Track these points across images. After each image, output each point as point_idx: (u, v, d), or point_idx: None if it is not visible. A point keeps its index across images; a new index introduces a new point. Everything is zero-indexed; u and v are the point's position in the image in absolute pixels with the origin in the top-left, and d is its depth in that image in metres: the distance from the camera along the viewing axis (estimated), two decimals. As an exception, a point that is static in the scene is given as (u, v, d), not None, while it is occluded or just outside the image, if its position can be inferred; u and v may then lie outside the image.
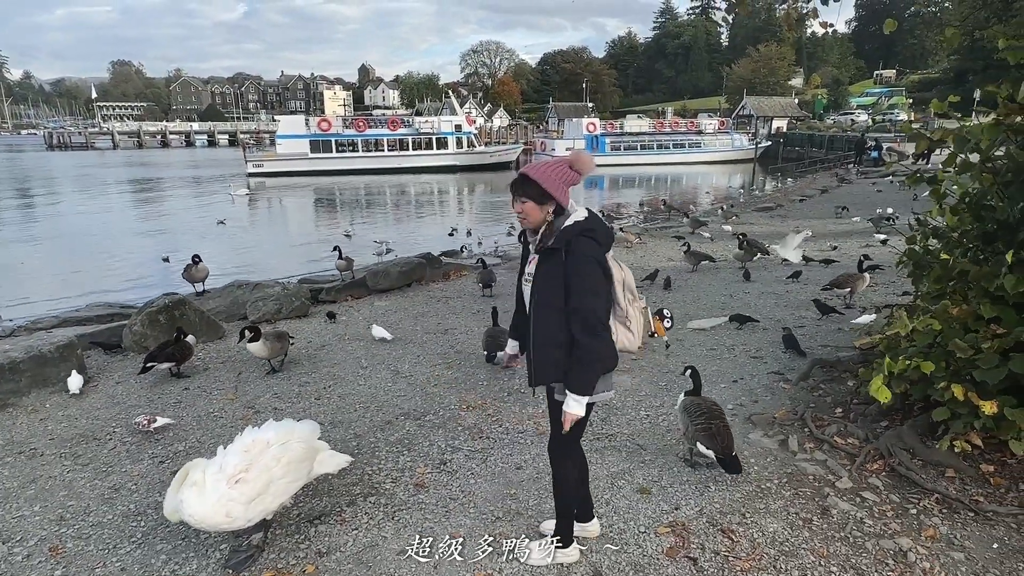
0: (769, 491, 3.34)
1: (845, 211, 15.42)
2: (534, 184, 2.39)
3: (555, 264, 2.39)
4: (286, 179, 36.91)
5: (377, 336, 6.38)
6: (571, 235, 2.38)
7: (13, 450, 4.20)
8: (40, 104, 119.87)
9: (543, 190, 2.38)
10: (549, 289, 2.41)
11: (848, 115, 60.61)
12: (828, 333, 6.06)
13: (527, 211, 2.43)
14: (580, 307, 2.35)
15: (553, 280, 2.40)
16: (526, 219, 2.46)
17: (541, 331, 2.46)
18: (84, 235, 19.12)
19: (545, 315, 2.44)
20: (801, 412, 4.12)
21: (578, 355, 2.38)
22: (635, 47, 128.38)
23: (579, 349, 2.38)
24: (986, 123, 3.51)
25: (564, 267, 2.36)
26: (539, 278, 2.45)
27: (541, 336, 2.46)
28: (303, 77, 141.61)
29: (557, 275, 2.38)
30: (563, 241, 2.37)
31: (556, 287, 2.39)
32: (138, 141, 77.79)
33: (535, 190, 2.39)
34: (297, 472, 3.17)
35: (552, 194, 2.39)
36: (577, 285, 2.35)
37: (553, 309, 2.41)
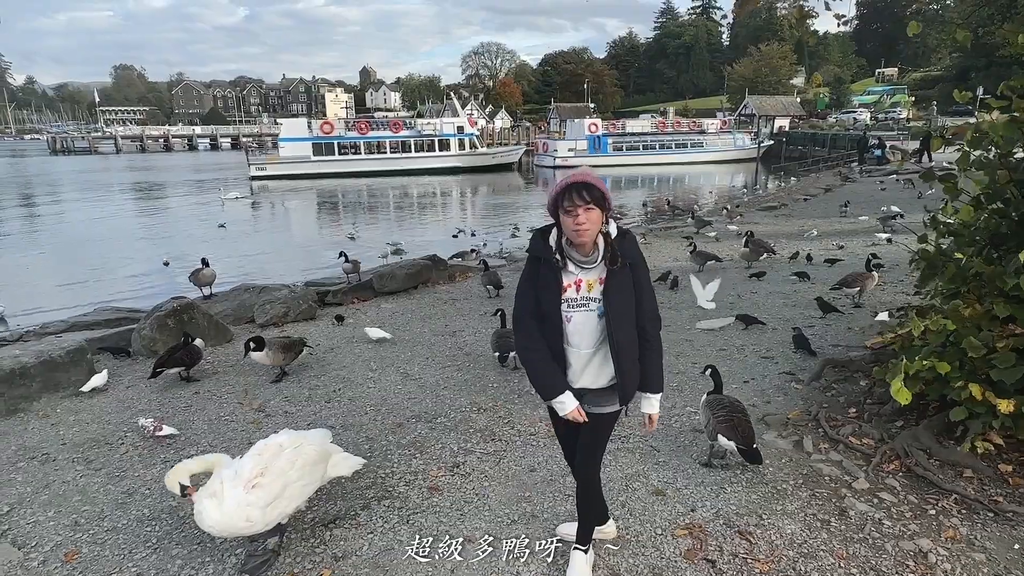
0: (785, 492, 3.32)
1: (848, 208, 15.36)
2: (597, 189, 2.23)
3: (625, 278, 2.36)
4: (289, 182, 36.99)
5: (375, 337, 6.38)
6: (634, 248, 2.39)
7: (26, 455, 4.20)
8: (43, 109, 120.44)
9: (605, 196, 2.25)
10: (625, 303, 2.38)
11: (850, 113, 60.56)
12: (838, 333, 6.03)
13: (593, 220, 2.24)
14: (653, 307, 2.46)
15: (626, 293, 2.37)
16: (589, 230, 2.25)
17: (627, 348, 2.38)
18: (88, 240, 19.19)
19: (628, 332, 2.39)
20: (814, 412, 4.11)
21: (654, 349, 2.47)
22: (636, 47, 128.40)
23: (653, 344, 2.46)
24: (1002, 120, 3.49)
25: (634, 277, 2.38)
26: (613, 295, 2.33)
27: (628, 352, 2.39)
28: (304, 80, 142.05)
29: (628, 287, 2.37)
30: (629, 254, 2.35)
31: (630, 300, 2.39)
32: (141, 145, 78.07)
33: (600, 195, 2.24)
34: (312, 475, 3.18)
35: (610, 200, 2.29)
36: (649, 290, 2.44)
37: (632, 324, 2.41)
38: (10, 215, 26.28)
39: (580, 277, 2.34)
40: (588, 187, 2.24)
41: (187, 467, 3.01)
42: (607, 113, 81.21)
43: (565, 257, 2.34)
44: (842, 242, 11.60)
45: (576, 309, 2.36)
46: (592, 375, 2.45)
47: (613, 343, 2.35)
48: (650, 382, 2.51)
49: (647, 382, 2.50)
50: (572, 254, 2.33)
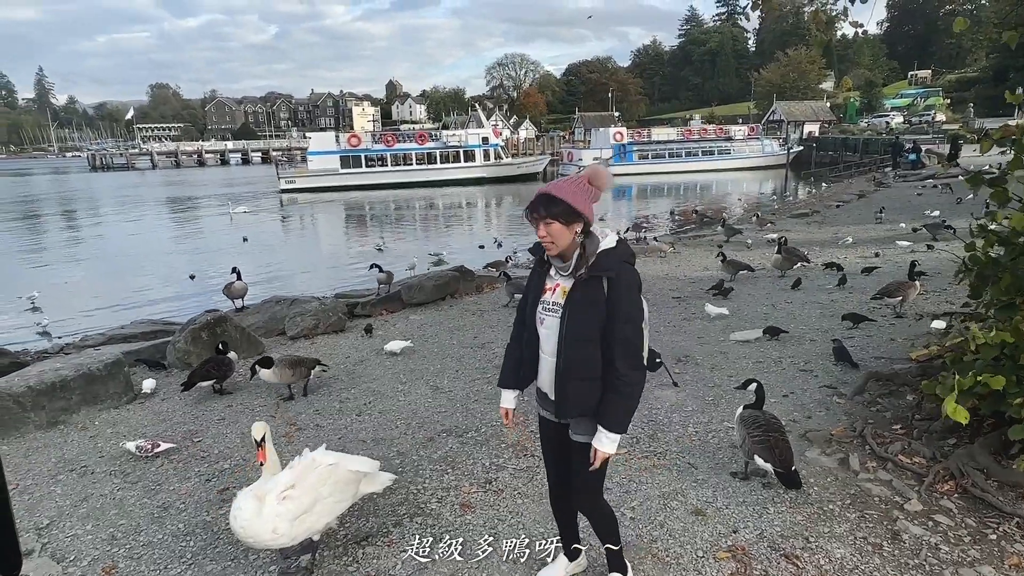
0: (833, 513, 3.18)
1: (883, 214, 14.95)
2: (559, 202, 2.18)
3: (593, 291, 2.21)
4: (317, 194, 37.57)
5: (397, 349, 6.39)
6: (616, 262, 2.23)
7: (65, 467, 4.27)
8: (84, 127, 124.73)
9: (571, 208, 2.18)
10: (585, 319, 2.22)
11: (882, 117, 59.26)
12: (880, 344, 5.82)
13: (554, 234, 2.20)
14: (627, 337, 2.21)
15: (590, 308, 2.21)
16: (554, 243, 2.22)
17: (576, 365, 2.25)
18: (124, 255, 19.68)
19: (580, 347, 2.24)
20: (860, 429, 3.94)
21: (618, 388, 2.23)
22: (660, 55, 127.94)
23: (620, 382, 2.22)
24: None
25: (608, 295, 2.20)
26: (572, 307, 2.24)
27: (576, 370, 2.25)
28: (332, 94, 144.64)
29: (595, 303, 2.21)
30: (608, 268, 2.21)
31: (593, 317, 2.21)
32: (176, 161, 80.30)
33: (561, 209, 2.18)
34: (343, 492, 3.15)
35: (580, 211, 2.19)
36: (625, 314, 2.20)
37: (588, 341, 2.23)
38: (53, 231, 27.20)
39: (559, 282, 2.32)
40: (549, 200, 2.20)
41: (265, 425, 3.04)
42: (632, 121, 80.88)
43: (550, 263, 2.33)
44: (878, 249, 11.27)
45: (547, 313, 2.32)
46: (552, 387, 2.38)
47: (559, 354, 2.26)
48: (603, 415, 2.25)
49: (604, 414, 2.26)
50: (554, 261, 2.31)
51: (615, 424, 2.26)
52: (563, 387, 2.30)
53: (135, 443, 4.35)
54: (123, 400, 5.44)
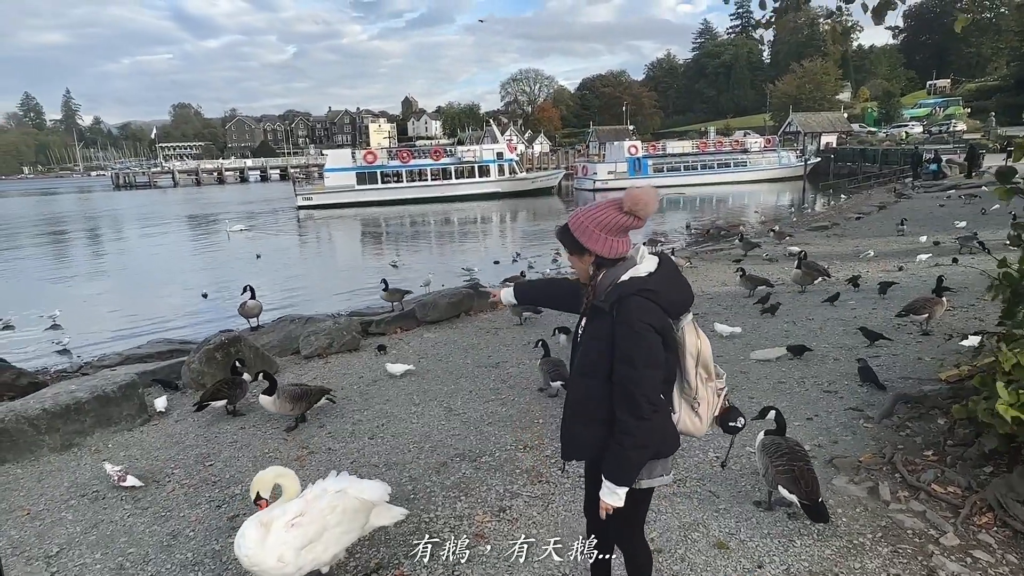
0: (863, 547, 3.03)
1: (905, 226, 14.65)
2: (569, 235, 2.12)
3: (602, 325, 2.06)
4: (334, 211, 37.92)
5: (398, 372, 6.27)
6: (623, 293, 2.02)
7: (77, 492, 4.25)
8: (108, 147, 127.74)
9: (575, 241, 2.10)
10: (592, 354, 2.09)
11: (901, 127, 58.61)
12: (906, 363, 5.63)
13: (575, 263, 2.18)
14: (623, 379, 2.00)
15: (598, 344, 2.07)
16: (575, 273, 2.21)
17: (575, 401, 2.15)
18: (142, 272, 19.95)
19: (582, 384, 2.13)
20: (889, 455, 3.78)
21: (618, 437, 2.05)
22: (674, 68, 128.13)
23: (619, 430, 2.04)
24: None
25: (612, 330, 2.02)
26: (583, 340, 2.15)
27: (574, 407, 2.16)
28: (349, 112, 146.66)
29: (603, 338, 2.05)
30: (611, 300, 2.03)
31: (600, 352, 2.05)
32: (196, 179, 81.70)
33: (570, 241, 2.11)
34: (352, 523, 3.07)
35: (585, 246, 2.07)
36: (623, 353, 1.99)
37: (592, 378, 2.09)
38: (77, 249, 27.72)
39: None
40: (562, 232, 2.16)
41: (268, 477, 2.99)
42: (646, 135, 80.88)
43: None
44: (900, 263, 11.02)
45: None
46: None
47: (568, 390, 2.20)
48: (607, 465, 2.10)
49: (605, 464, 2.10)
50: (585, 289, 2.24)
51: (612, 472, 2.08)
52: (567, 427, 2.20)
53: (112, 467, 4.31)
54: (137, 422, 5.43)
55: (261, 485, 2.96)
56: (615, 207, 2.09)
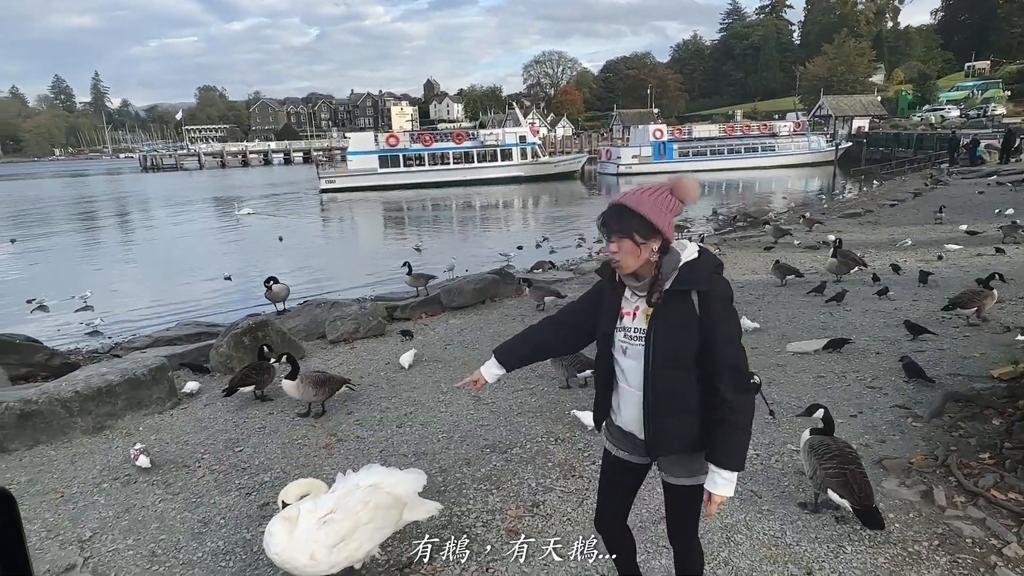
0: (920, 556, 2.87)
1: (943, 214, 14.14)
2: (635, 216, 1.92)
3: (681, 311, 1.95)
4: (356, 194, 38.02)
5: (407, 363, 6.10)
6: (705, 272, 1.97)
7: (109, 476, 4.26)
8: (136, 129, 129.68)
9: (648, 223, 1.92)
10: (672, 342, 1.95)
11: (936, 111, 56.72)
12: (954, 359, 5.39)
13: (624, 251, 1.95)
14: (730, 358, 1.94)
15: (680, 331, 1.94)
16: (620, 262, 1.98)
17: (668, 397, 1.98)
18: (169, 254, 20.16)
19: (671, 377, 1.97)
20: (943, 457, 3.60)
21: (732, 420, 1.96)
22: (701, 50, 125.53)
23: (730, 411, 1.95)
24: None
25: (702, 312, 1.94)
26: (658, 331, 1.96)
27: (669, 403, 1.99)
28: (371, 94, 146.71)
29: (686, 324, 1.94)
30: (697, 281, 1.94)
31: (685, 340, 1.94)
32: (222, 161, 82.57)
33: (637, 223, 1.92)
34: (385, 518, 2.99)
35: (659, 227, 1.93)
36: (725, 333, 1.95)
37: (677, 368, 1.97)
38: (107, 230, 28.19)
39: (637, 305, 2.04)
40: (622, 213, 1.95)
41: (298, 490, 2.95)
42: (671, 118, 79.48)
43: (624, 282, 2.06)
44: (937, 252, 10.62)
45: (630, 341, 2.04)
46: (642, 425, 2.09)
47: (646, 385, 1.99)
48: (719, 453, 1.98)
49: (718, 452, 1.99)
50: (628, 280, 2.03)
51: (732, 461, 1.99)
52: (655, 423, 2.02)
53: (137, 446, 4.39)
54: (167, 405, 5.44)
55: (289, 496, 2.90)
56: (666, 191, 1.99)
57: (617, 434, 2.24)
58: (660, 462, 2.14)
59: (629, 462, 2.24)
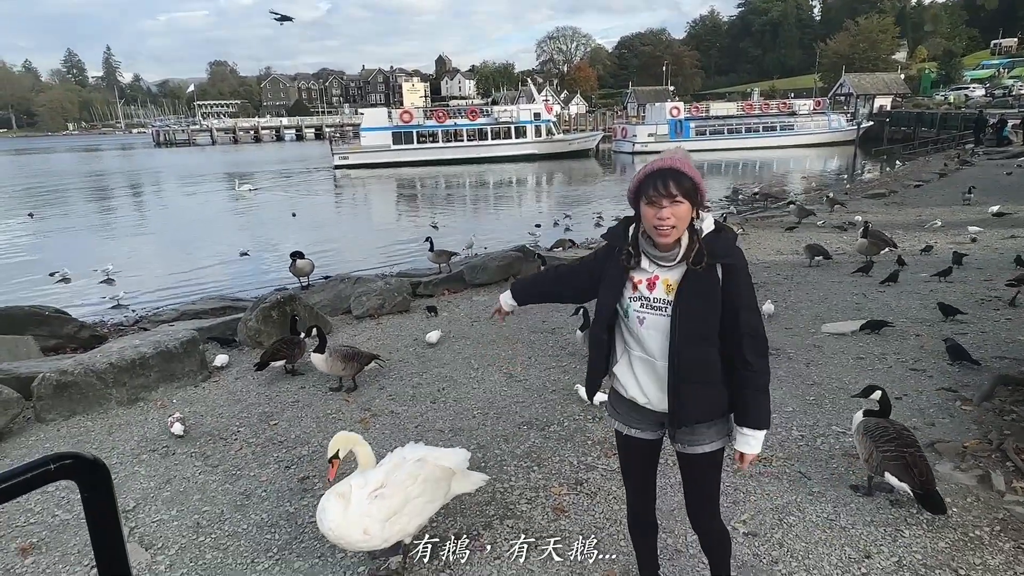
0: (981, 541, 2.81)
1: (972, 195, 13.83)
2: (688, 179, 1.90)
3: (708, 282, 1.96)
4: (370, 171, 37.85)
5: (434, 340, 6.08)
6: (730, 246, 1.99)
7: (147, 447, 4.27)
8: (148, 104, 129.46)
9: (698, 186, 1.92)
10: (702, 314, 1.96)
11: (961, 90, 55.33)
12: (998, 342, 5.27)
13: (681, 215, 1.91)
14: (752, 326, 1.99)
15: (706, 302, 1.96)
16: (675, 227, 1.92)
17: (696, 367, 1.99)
18: (184, 229, 20.13)
19: (699, 347, 1.98)
20: (997, 442, 3.51)
21: (757, 382, 2.02)
22: (718, 26, 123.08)
23: (754, 374, 2.01)
24: None
25: (725, 284, 1.96)
26: (685, 301, 1.95)
27: (696, 373, 1.99)
28: (383, 70, 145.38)
29: (711, 294, 1.96)
30: (724, 254, 1.96)
31: (710, 310, 1.96)
32: (234, 137, 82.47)
33: (691, 186, 1.90)
34: (434, 491, 2.97)
35: (704, 191, 1.96)
36: (747, 301, 2.00)
37: (706, 339, 1.99)
38: (123, 204, 28.28)
39: (658, 274, 2.01)
40: (677, 175, 1.89)
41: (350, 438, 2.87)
42: (687, 96, 78.18)
43: (640, 251, 2.03)
44: (960, 234, 10.39)
45: (651, 311, 2.01)
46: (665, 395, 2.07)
47: (672, 355, 1.97)
48: (749, 414, 2.05)
49: (745, 414, 2.06)
50: (648, 249, 2.00)
51: (761, 420, 2.06)
52: (682, 393, 2.01)
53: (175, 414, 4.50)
54: (199, 378, 5.45)
55: (342, 443, 2.83)
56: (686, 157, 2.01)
57: (626, 410, 2.20)
58: (676, 434, 2.13)
59: (641, 439, 2.22)
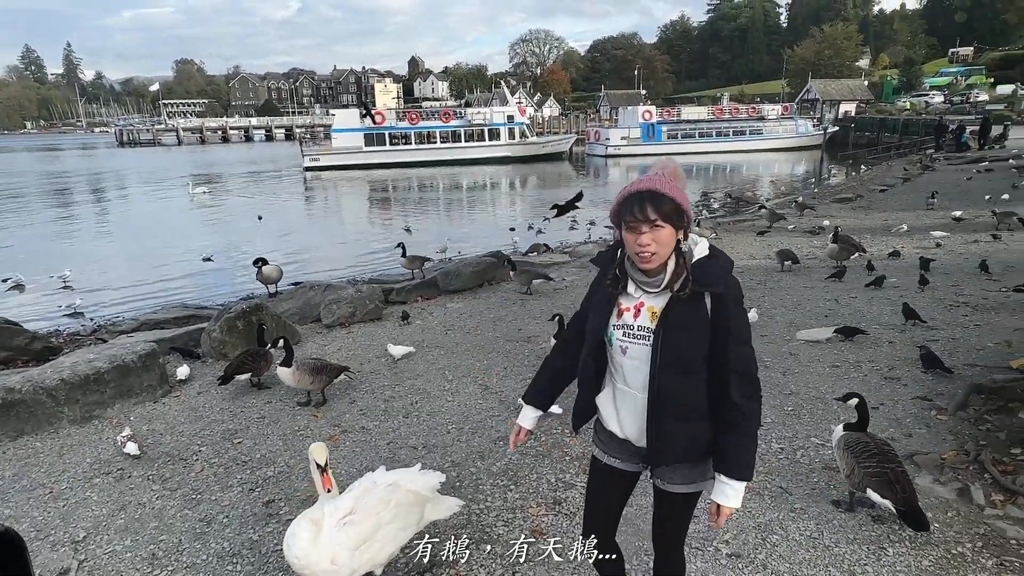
0: (964, 558, 2.78)
1: (935, 199, 14.18)
2: (669, 200, 1.78)
3: (694, 311, 1.83)
4: (341, 172, 37.31)
5: (399, 355, 5.74)
6: (722, 273, 1.86)
7: (101, 469, 4.03)
8: (111, 103, 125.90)
9: (680, 208, 1.80)
10: (685, 344, 1.82)
11: (921, 96, 57.02)
12: (969, 349, 5.32)
13: (662, 240, 1.79)
14: (745, 362, 1.84)
15: (691, 333, 1.82)
16: (656, 253, 1.80)
17: (675, 401, 1.85)
18: (147, 233, 19.42)
19: (680, 380, 1.84)
20: (975, 453, 3.51)
21: (740, 425, 1.85)
22: (688, 31, 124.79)
23: (741, 416, 1.84)
24: None
25: (715, 314, 1.83)
26: (669, 331, 1.82)
27: (675, 407, 1.85)
28: (354, 71, 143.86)
29: (697, 325, 1.82)
30: (713, 282, 1.82)
31: (696, 341, 1.83)
32: (201, 137, 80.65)
33: (672, 208, 1.78)
34: (407, 517, 2.83)
35: (688, 212, 1.83)
36: (740, 335, 1.84)
37: (690, 371, 1.85)
38: (83, 207, 27.29)
39: (643, 301, 1.89)
40: (656, 198, 1.78)
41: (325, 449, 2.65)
42: (658, 100, 79.07)
43: (627, 275, 1.90)
44: (925, 239, 10.61)
45: (633, 340, 1.88)
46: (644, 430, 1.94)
47: (652, 387, 1.85)
48: (730, 461, 1.87)
49: (727, 461, 1.88)
50: (634, 274, 1.88)
51: (744, 471, 1.88)
52: (660, 428, 1.88)
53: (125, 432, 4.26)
54: (158, 393, 5.19)
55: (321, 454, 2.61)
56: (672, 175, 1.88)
57: (608, 440, 2.08)
58: (656, 469, 2.01)
59: (620, 469, 2.10)
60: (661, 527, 2.16)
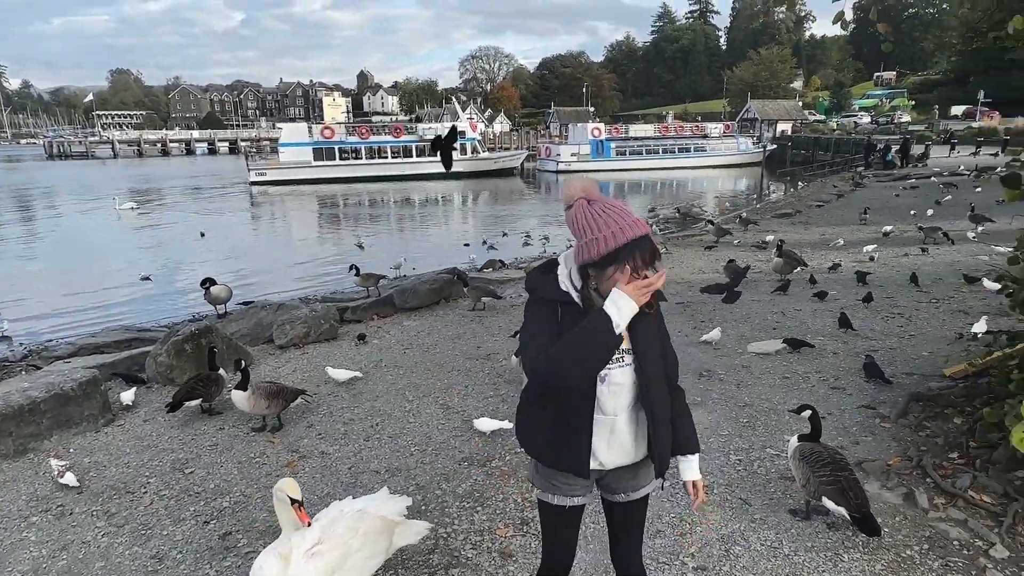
0: (913, 561, 2.92)
1: (867, 215, 15.02)
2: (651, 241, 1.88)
3: (653, 320, 2.00)
4: (289, 187, 36.51)
5: (341, 379, 5.55)
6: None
7: (39, 507, 3.78)
8: (39, 113, 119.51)
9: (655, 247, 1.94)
10: (654, 353, 1.98)
11: (850, 117, 60.47)
12: (907, 359, 5.63)
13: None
14: (673, 352, 2.13)
15: (656, 340, 2.01)
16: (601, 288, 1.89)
17: (663, 409, 1.98)
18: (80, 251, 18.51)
19: (661, 388, 1.99)
20: (917, 458, 3.71)
21: (686, 407, 2.13)
22: (634, 51, 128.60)
23: (683, 399, 2.14)
24: None
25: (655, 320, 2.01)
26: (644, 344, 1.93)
27: (663, 414, 1.98)
28: (302, 84, 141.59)
29: (656, 333, 2.02)
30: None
31: (658, 348, 2.02)
32: (138, 150, 77.49)
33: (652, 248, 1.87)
34: (375, 545, 2.77)
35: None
36: (666, 330, 2.10)
37: (662, 375, 2.01)
38: (8, 224, 25.71)
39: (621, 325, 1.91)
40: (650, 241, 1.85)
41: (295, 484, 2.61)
42: (606, 117, 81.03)
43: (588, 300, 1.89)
44: (858, 252, 11.21)
45: (612, 366, 1.89)
46: (625, 449, 1.98)
47: (647, 403, 1.92)
48: (688, 441, 2.10)
49: (686, 443, 2.08)
50: (597, 299, 1.87)
51: (696, 443, 2.14)
52: (659, 438, 1.96)
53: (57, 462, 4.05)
54: (100, 422, 4.92)
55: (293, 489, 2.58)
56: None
57: (573, 481, 2.02)
58: (608, 484, 2.08)
59: (581, 505, 2.11)
60: (622, 541, 2.21)
